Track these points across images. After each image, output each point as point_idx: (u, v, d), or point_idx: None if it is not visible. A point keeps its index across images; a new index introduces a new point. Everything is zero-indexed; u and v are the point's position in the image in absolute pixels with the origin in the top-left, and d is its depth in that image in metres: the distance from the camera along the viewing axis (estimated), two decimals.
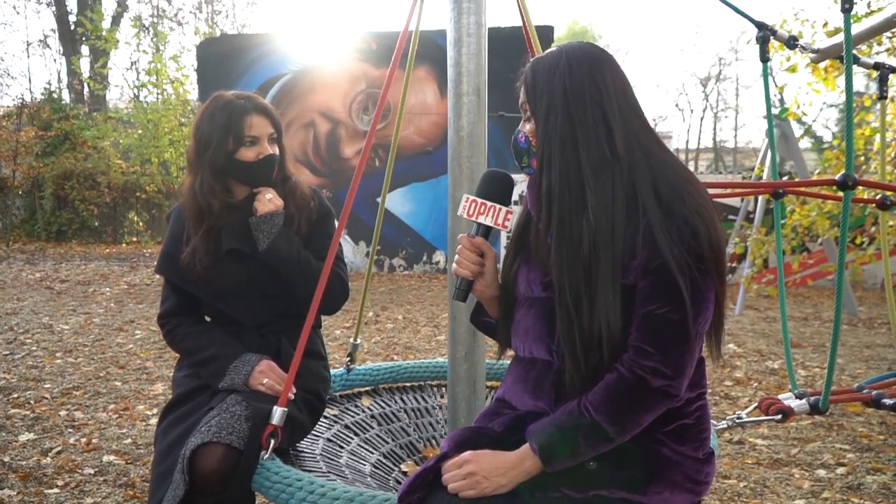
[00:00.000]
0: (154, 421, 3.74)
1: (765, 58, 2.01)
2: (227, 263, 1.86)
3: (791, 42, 2.02)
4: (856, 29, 2.22)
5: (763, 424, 3.72)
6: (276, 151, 1.91)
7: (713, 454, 1.35)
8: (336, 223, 1.94)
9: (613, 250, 1.24)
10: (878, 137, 6.26)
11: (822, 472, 3.16)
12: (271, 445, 1.61)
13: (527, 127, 1.37)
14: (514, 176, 1.51)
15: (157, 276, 10.23)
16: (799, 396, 1.86)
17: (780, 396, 1.86)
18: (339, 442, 1.99)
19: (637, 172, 1.27)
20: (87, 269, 11.02)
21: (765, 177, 7.32)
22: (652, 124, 1.37)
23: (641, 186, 1.26)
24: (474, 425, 1.43)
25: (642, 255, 1.23)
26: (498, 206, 1.41)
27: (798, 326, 6.92)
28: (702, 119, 39.43)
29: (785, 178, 8.42)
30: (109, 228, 16.38)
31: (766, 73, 2.05)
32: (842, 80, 6.34)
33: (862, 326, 7.00)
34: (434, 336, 6.22)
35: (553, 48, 1.36)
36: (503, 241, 9.06)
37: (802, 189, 2.95)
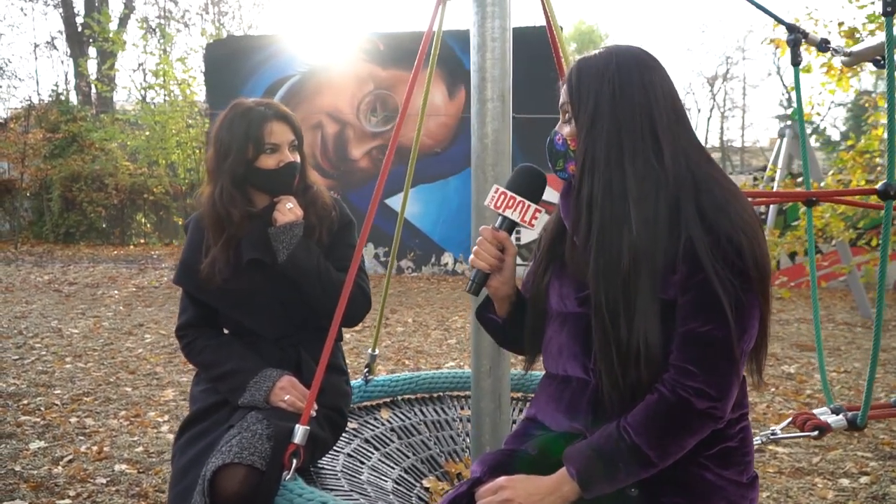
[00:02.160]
0: (165, 428, 3.70)
1: (796, 61, 1.96)
2: (247, 274, 1.81)
3: (823, 45, 1.97)
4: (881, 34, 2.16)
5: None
6: (298, 159, 1.85)
7: (756, 478, 1.29)
8: (357, 233, 1.90)
9: (654, 264, 1.19)
10: None
11: (845, 482, 3.10)
12: (293, 465, 1.55)
13: (566, 129, 1.31)
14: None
15: (165, 279, 10.21)
16: (835, 411, 1.80)
17: (815, 411, 1.80)
18: (359, 457, 1.94)
19: (681, 185, 1.21)
20: (96, 271, 11.01)
21: (778, 177, 7.24)
22: None
23: (684, 200, 1.20)
24: (507, 448, 1.37)
25: (682, 271, 1.18)
26: (527, 202, 1.35)
27: (811, 329, 6.84)
28: (709, 118, 39.20)
29: (800, 180, 8.34)
30: (117, 230, 16.39)
31: (797, 77, 1.99)
32: (854, 82, 6.28)
33: None
34: (445, 340, 6.16)
35: (601, 49, 1.30)
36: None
37: (839, 198, 2.89)
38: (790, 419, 1.83)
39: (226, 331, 1.93)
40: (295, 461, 1.55)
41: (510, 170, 1.82)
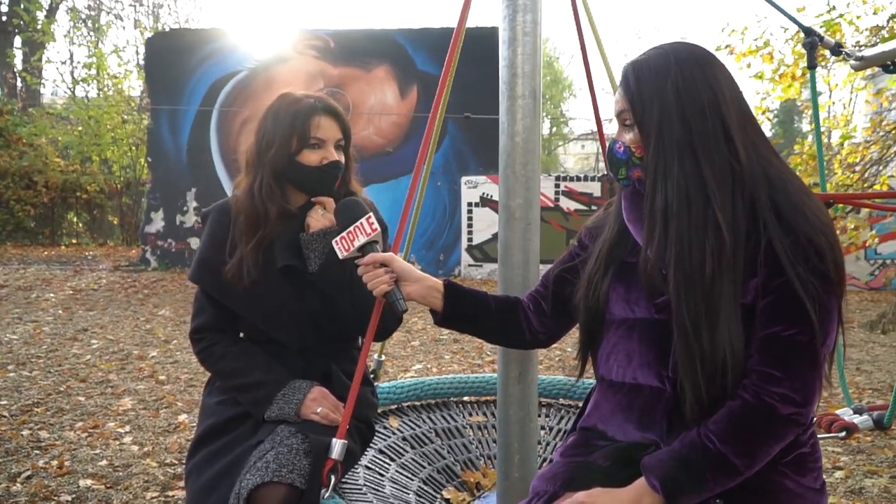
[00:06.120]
0: (129, 439, 3.49)
1: (812, 64, 1.97)
2: (277, 280, 1.67)
3: (836, 49, 1.98)
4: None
5: None
6: (343, 160, 1.73)
7: (825, 484, 1.27)
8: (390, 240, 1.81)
9: (735, 270, 1.15)
10: None
11: None
12: (332, 483, 1.45)
13: (627, 137, 1.25)
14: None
15: (104, 281, 9.75)
16: (856, 412, 1.81)
17: (838, 412, 1.81)
18: (378, 469, 1.85)
19: (756, 183, 1.18)
20: (27, 273, 10.42)
21: None
22: None
23: (760, 200, 1.17)
24: (571, 459, 1.31)
25: (762, 274, 1.15)
26: (358, 223, 1.46)
27: None
28: None
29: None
30: (47, 230, 15.57)
31: (813, 80, 2.01)
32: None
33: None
34: (408, 342, 6.08)
35: (653, 49, 1.26)
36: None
37: (857, 201, 2.94)
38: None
39: (241, 335, 1.78)
40: (333, 478, 1.45)
41: (539, 169, 1.77)
